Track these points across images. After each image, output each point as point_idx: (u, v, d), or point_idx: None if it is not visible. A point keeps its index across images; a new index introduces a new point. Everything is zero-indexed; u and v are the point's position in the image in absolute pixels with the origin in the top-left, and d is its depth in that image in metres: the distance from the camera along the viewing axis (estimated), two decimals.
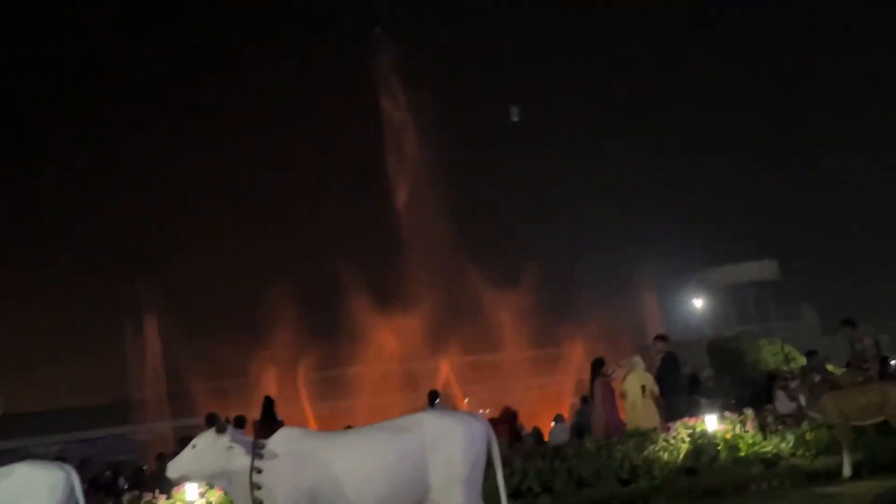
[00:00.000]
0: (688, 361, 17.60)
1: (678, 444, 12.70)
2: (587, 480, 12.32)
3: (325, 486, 7.04)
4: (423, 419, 7.39)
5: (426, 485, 7.08)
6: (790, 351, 22.76)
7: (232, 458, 7.21)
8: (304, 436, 7.47)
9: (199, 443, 7.31)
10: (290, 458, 7.15)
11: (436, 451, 7.11)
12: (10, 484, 8.76)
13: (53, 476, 8.89)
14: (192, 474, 7.48)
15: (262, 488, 7.10)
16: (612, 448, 12.71)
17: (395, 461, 7.07)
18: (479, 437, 7.27)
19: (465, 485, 7.06)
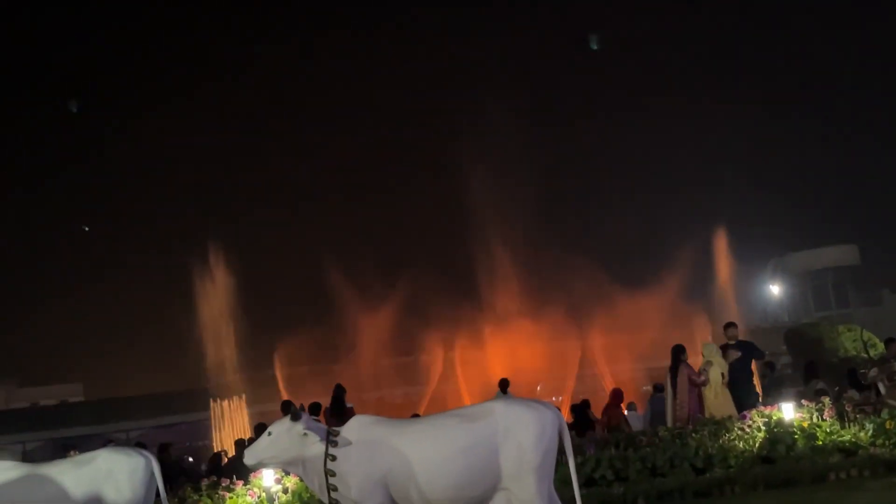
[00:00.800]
0: (764, 349, 17.32)
1: (754, 433, 12.55)
2: (661, 469, 12.24)
3: (398, 472, 7.11)
4: (494, 407, 7.41)
5: (497, 473, 7.10)
6: (870, 338, 22.34)
7: (307, 445, 7.31)
8: (376, 423, 7.55)
9: (274, 430, 7.44)
10: (364, 445, 7.23)
11: (507, 439, 7.12)
12: (92, 470, 8.99)
13: (134, 462, 9.10)
14: (268, 461, 7.60)
15: (336, 475, 7.19)
16: (687, 437, 12.61)
17: (467, 448, 7.11)
18: (551, 425, 7.27)
19: (536, 473, 7.07)
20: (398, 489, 7.16)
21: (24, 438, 40.84)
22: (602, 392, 32.23)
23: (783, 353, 30.51)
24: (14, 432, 41.20)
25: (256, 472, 11.73)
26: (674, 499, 11.57)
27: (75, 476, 8.95)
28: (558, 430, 7.35)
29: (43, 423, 42.60)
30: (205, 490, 12.22)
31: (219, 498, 12.04)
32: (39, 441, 40.00)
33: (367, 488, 7.13)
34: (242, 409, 30.38)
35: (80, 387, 53.16)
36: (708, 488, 11.68)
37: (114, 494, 8.83)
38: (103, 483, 8.87)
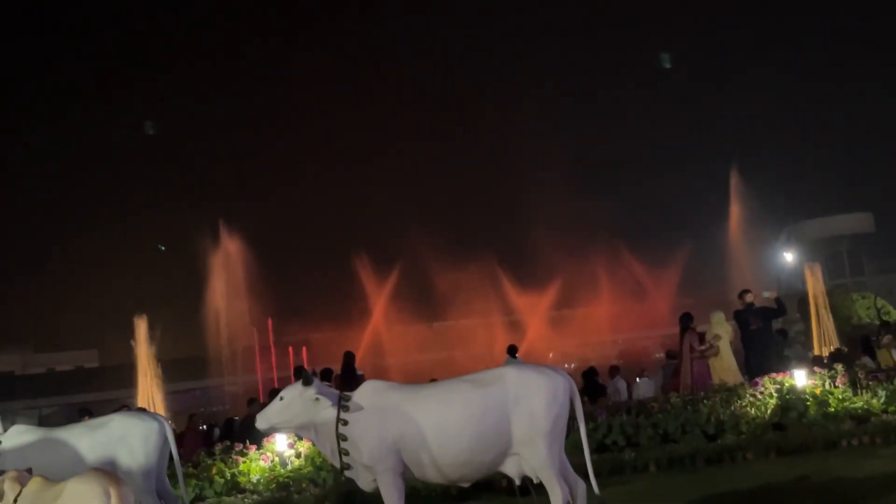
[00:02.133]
0: None
1: (766, 400, 12.55)
2: (672, 435, 12.27)
3: (409, 437, 7.14)
4: (505, 373, 7.42)
5: (509, 438, 7.13)
6: (884, 305, 22.21)
7: (318, 409, 7.34)
8: (388, 388, 7.57)
9: (286, 395, 7.47)
10: (375, 410, 7.26)
11: (519, 405, 7.14)
12: (106, 433, 9.07)
13: (148, 426, 9.17)
14: (281, 425, 7.63)
15: (348, 440, 7.23)
16: (699, 403, 12.63)
17: (479, 414, 7.13)
18: (562, 390, 7.28)
19: (547, 438, 7.09)
20: (410, 454, 7.19)
21: (40, 403, 41.23)
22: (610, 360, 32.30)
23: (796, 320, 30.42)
24: (30, 397, 41.59)
25: (269, 437, 11.81)
26: (685, 465, 11.59)
27: (90, 440, 9.04)
28: (570, 395, 7.36)
29: (59, 388, 42.98)
30: (218, 455, 12.32)
31: (232, 462, 12.13)
32: (55, 406, 40.36)
33: (379, 453, 7.17)
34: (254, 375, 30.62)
35: (96, 353, 53.55)
36: (719, 455, 11.70)
37: (128, 458, 8.91)
38: (117, 447, 8.95)
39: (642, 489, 10.42)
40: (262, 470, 11.99)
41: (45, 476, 6.39)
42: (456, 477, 7.44)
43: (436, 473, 7.31)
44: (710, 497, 9.43)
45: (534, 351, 33.02)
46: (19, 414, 35.21)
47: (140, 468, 8.93)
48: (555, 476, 7.10)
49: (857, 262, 55.04)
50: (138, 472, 8.89)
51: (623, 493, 9.66)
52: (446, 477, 7.42)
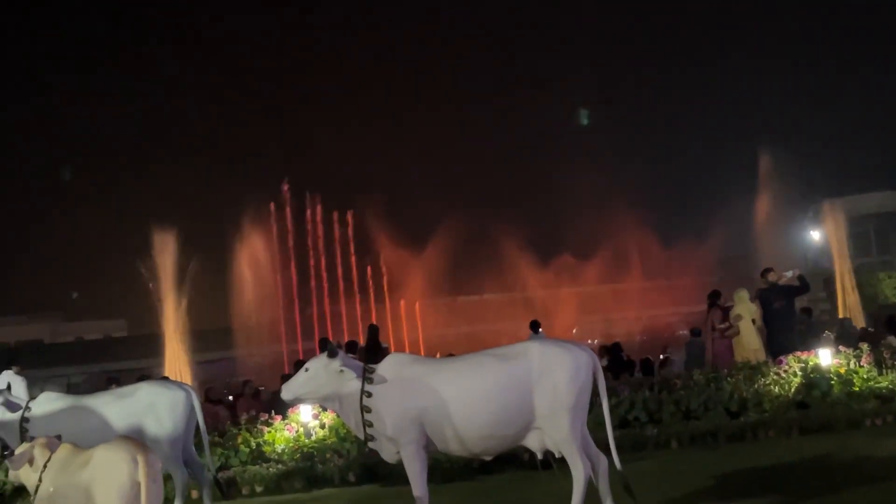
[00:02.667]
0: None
1: (790, 378, 12.52)
2: (695, 412, 12.28)
3: (433, 410, 7.19)
4: (529, 347, 7.45)
5: (532, 412, 7.16)
6: None
7: (343, 381, 7.41)
8: (412, 361, 7.63)
9: (311, 366, 7.53)
10: (399, 383, 7.31)
11: (542, 379, 7.17)
12: (134, 402, 9.20)
13: (174, 395, 9.29)
14: (305, 396, 7.71)
15: (372, 411, 7.30)
16: (722, 380, 12.62)
17: (502, 388, 7.17)
18: (585, 366, 7.30)
19: (570, 413, 7.12)
20: (433, 427, 7.24)
21: (69, 371, 41.66)
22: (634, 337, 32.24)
23: (822, 299, 30.30)
24: (59, 365, 42.04)
25: (294, 408, 11.92)
26: (707, 442, 11.61)
27: (118, 407, 9.17)
28: (593, 371, 7.39)
29: (88, 356, 43.42)
30: (244, 424, 12.45)
31: (257, 432, 12.26)
32: (84, 374, 40.78)
33: (403, 425, 7.23)
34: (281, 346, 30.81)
35: (124, 322, 54.02)
36: (741, 432, 11.71)
37: (155, 426, 9.03)
38: (145, 415, 9.08)
39: (664, 465, 10.45)
40: (287, 440, 12.11)
41: (74, 443, 6.50)
42: (478, 450, 7.50)
43: (458, 446, 7.36)
44: (731, 474, 9.44)
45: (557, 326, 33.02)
46: (48, 381, 35.62)
47: (167, 436, 9.06)
48: (577, 450, 7.14)
49: (885, 241, 54.44)
50: (165, 440, 9.02)
51: (645, 469, 9.69)
52: (469, 450, 7.48)
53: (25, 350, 48.43)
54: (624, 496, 7.23)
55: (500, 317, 34.96)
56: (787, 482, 8.78)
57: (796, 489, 8.35)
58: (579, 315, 36.30)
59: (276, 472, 11.52)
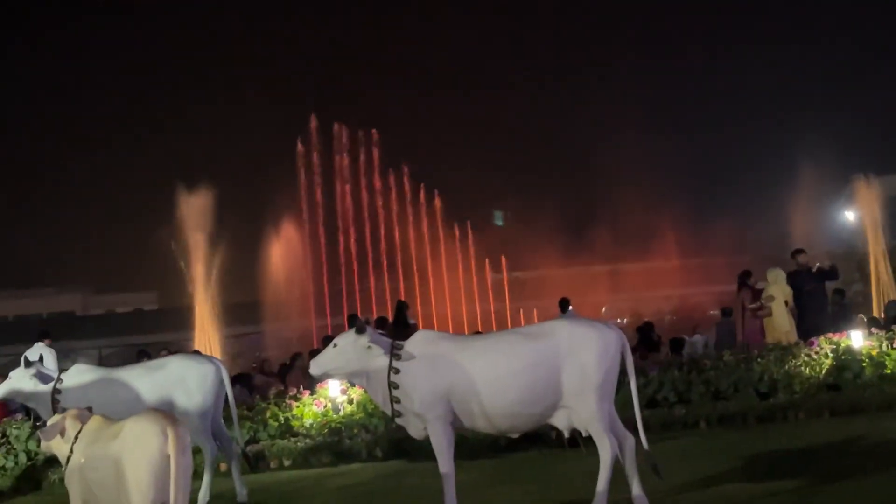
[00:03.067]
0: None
1: (821, 360, 12.41)
2: (724, 393, 12.22)
3: (460, 387, 7.19)
4: (557, 326, 7.43)
5: (559, 390, 7.15)
6: None
7: (371, 357, 7.42)
8: (440, 338, 7.62)
9: (339, 342, 7.55)
10: (427, 360, 7.31)
11: (570, 358, 7.15)
12: (164, 375, 9.27)
13: (204, 369, 9.35)
14: (333, 372, 7.73)
15: (399, 387, 7.30)
16: (752, 361, 12.53)
17: (530, 366, 7.15)
18: (613, 345, 7.27)
19: (597, 392, 7.10)
20: (460, 404, 7.25)
21: (100, 344, 42.07)
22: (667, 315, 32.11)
23: (856, 280, 30.02)
24: (90, 337, 42.47)
25: (323, 383, 11.97)
26: (736, 422, 11.56)
27: (149, 380, 9.24)
28: (621, 350, 7.35)
29: (118, 329, 43.84)
30: (272, 399, 12.53)
31: (286, 407, 12.34)
32: (115, 346, 41.18)
33: (430, 401, 7.23)
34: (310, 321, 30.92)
35: (155, 295, 54.44)
36: (771, 413, 11.65)
37: (184, 399, 9.10)
38: (175, 388, 9.15)
39: (691, 445, 10.41)
40: (315, 415, 12.19)
41: (105, 415, 6.55)
42: (505, 427, 7.50)
43: (485, 423, 7.37)
44: (760, 455, 9.40)
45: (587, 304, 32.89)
46: (79, 353, 36.01)
47: (196, 409, 9.12)
48: (604, 430, 7.12)
49: None
50: (195, 413, 9.09)
51: (672, 449, 9.66)
52: (496, 427, 7.48)
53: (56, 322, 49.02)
54: (651, 475, 7.21)
55: (530, 295, 34.91)
56: (817, 464, 8.72)
57: (826, 471, 8.30)
58: (609, 293, 36.16)
59: (303, 446, 11.61)
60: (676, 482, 7.97)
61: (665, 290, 36.91)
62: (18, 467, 11.59)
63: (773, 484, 7.96)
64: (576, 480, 8.35)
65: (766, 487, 7.86)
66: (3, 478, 11.42)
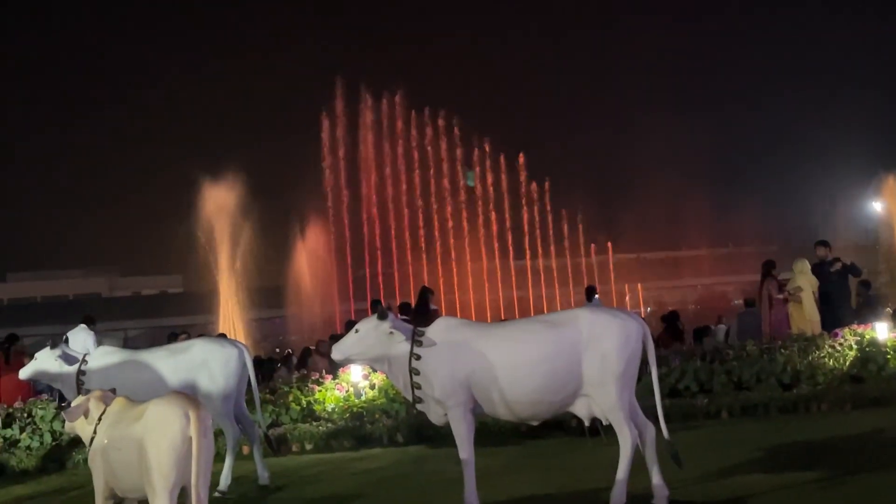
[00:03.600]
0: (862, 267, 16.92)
1: (845, 351, 12.36)
2: (747, 383, 12.18)
3: (481, 374, 7.20)
4: (579, 314, 7.42)
5: (580, 379, 7.14)
6: None
7: (392, 343, 7.44)
8: (461, 325, 7.63)
9: (361, 328, 7.57)
10: (448, 346, 7.33)
11: (591, 347, 7.14)
12: (189, 357, 9.34)
13: (227, 352, 9.41)
14: (355, 357, 7.75)
15: (420, 374, 7.33)
16: (775, 352, 12.48)
17: (550, 354, 7.15)
18: (635, 334, 7.25)
19: (618, 381, 7.09)
20: (480, 390, 7.26)
21: (125, 326, 42.39)
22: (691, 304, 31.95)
23: (881, 272, 29.82)
24: (116, 319, 42.79)
25: (345, 368, 12.02)
26: (758, 413, 11.52)
27: (172, 363, 9.32)
28: (643, 340, 7.34)
29: (144, 311, 44.17)
30: (295, 383, 12.60)
31: (308, 391, 12.40)
32: (140, 329, 41.49)
33: (450, 388, 7.25)
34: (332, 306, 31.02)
35: (180, 278, 54.79)
36: (794, 404, 11.60)
37: (207, 382, 9.17)
38: (198, 371, 9.21)
39: (713, 435, 10.39)
40: (337, 399, 12.25)
41: (128, 396, 6.61)
42: (526, 415, 7.51)
43: (506, 411, 7.38)
44: (782, 446, 9.36)
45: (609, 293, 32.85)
46: (105, 335, 36.25)
47: (219, 392, 9.19)
48: (624, 419, 7.12)
49: None
50: (217, 396, 9.16)
51: (693, 439, 9.65)
52: (516, 415, 7.49)
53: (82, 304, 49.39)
54: (671, 465, 7.20)
55: (553, 282, 34.86)
56: (838, 456, 8.68)
57: (848, 463, 8.26)
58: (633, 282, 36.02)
59: (325, 430, 11.67)
60: (697, 472, 7.96)
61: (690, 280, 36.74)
62: (43, 447, 11.73)
63: (793, 475, 7.92)
64: (596, 469, 8.35)
65: (786, 478, 7.83)
66: (29, 457, 11.55)
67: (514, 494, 8.13)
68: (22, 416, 12.05)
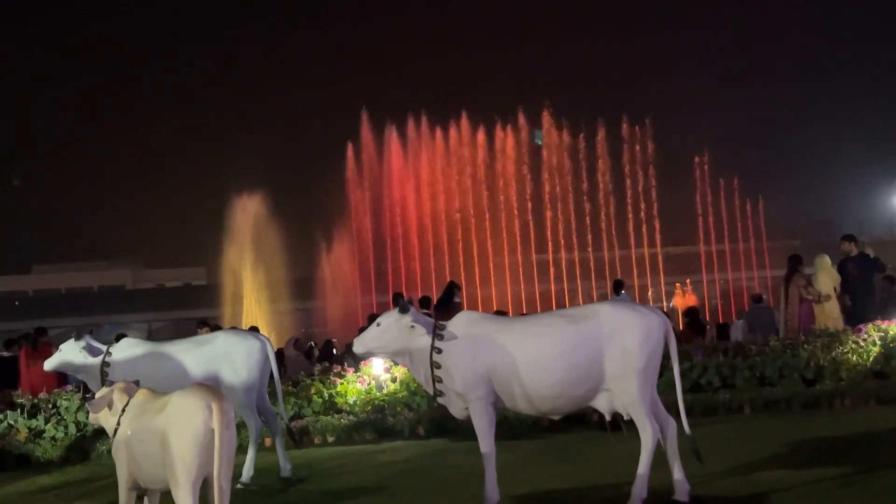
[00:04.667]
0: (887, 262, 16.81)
1: (868, 347, 12.28)
2: (769, 379, 12.13)
3: (501, 368, 7.21)
4: (600, 309, 7.41)
5: (601, 373, 7.13)
6: None
7: (413, 337, 7.45)
8: (482, 319, 7.64)
9: (383, 321, 7.59)
10: (469, 340, 7.34)
11: (613, 341, 7.13)
12: (211, 349, 9.40)
13: (250, 344, 9.47)
14: (376, 350, 7.78)
15: (441, 367, 7.34)
16: (798, 347, 12.42)
17: (571, 348, 7.14)
18: (657, 329, 7.23)
19: (640, 376, 7.08)
20: (501, 384, 7.27)
21: (149, 318, 42.63)
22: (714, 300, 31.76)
23: None
24: (140, 311, 43.06)
25: (367, 361, 12.06)
26: (780, 408, 11.49)
27: (196, 355, 9.38)
28: (664, 334, 7.32)
29: (167, 303, 44.38)
30: (317, 375, 12.65)
31: (330, 383, 12.45)
32: (164, 321, 41.71)
33: (471, 381, 7.26)
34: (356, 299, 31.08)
35: (204, 270, 55.06)
36: (817, 400, 11.56)
37: (230, 374, 9.23)
38: (221, 363, 9.27)
39: (735, 430, 10.36)
40: (359, 392, 12.29)
41: (151, 388, 6.66)
42: (547, 409, 7.51)
43: (527, 405, 7.38)
44: (804, 441, 9.33)
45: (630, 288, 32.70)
46: (129, 327, 36.50)
47: (242, 384, 9.25)
48: (645, 413, 7.11)
49: None
50: (240, 388, 9.21)
51: (715, 434, 9.61)
52: (537, 409, 7.49)
53: (107, 296, 49.76)
54: (692, 460, 7.19)
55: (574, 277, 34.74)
56: (861, 452, 8.64)
57: (871, 459, 8.22)
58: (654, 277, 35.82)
59: (347, 423, 11.72)
60: (718, 467, 7.95)
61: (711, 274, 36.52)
62: (68, 438, 11.84)
63: (816, 471, 7.90)
64: (616, 463, 8.35)
65: (809, 474, 7.80)
66: (54, 448, 11.67)
67: (535, 488, 8.15)
68: (47, 406, 12.17)
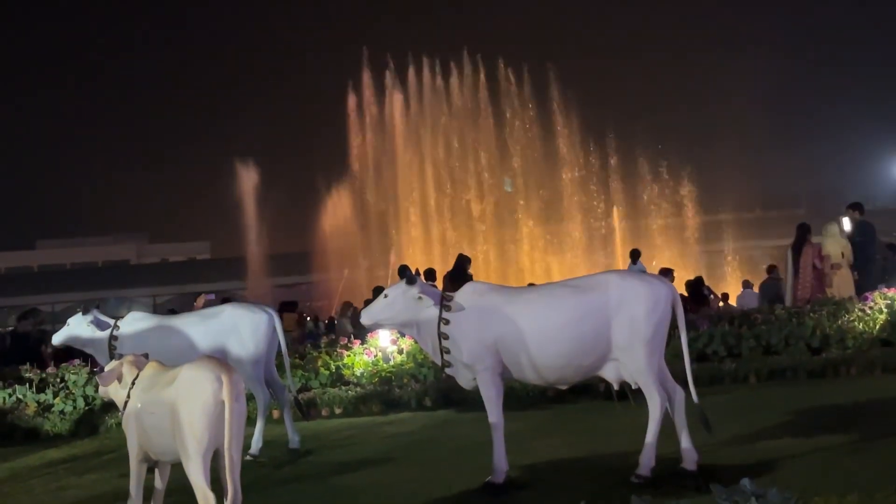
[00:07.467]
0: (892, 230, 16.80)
1: (874, 315, 12.29)
2: (775, 347, 12.15)
3: (509, 339, 7.21)
4: (608, 279, 7.39)
5: (608, 343, 7.13)
6: None
7: (421, 308, 7.46)
8: (489, 290, 7.63)
9: (390, 293, 7.60)
10: (476, 311, 7.34)
11: (620, 311, 7.12)
12: (219, 322, 9.42)
13: (257, 317, 9.47)
14: (384, 322, 7.77)
15: (449, 338, 7.35)
16: (804, 316, 12.43)
17: (579, 318, 7.14)
18: (664, 299, 7.22)
19: (647, 345, 7.08)
20: (509, 355, 7.28)
21: (153, 292, 42.71)
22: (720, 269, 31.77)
23: None
24: (144, 285, 43.14)
25: (373, 333, 12.08)
26: (786, 377, 11.50)
27: (203, 328, 9.40)
28: (672, 304, 7.31)
29: (172, 278, 44.47)
30: (324, 348, 12.68)
31: (337, 356, 12.48)
32: (168, 295, 41.80)
33: (479, 352, 7.27)
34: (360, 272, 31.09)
35: (208, 245, 55.16)
36: (822, 369, 11.57)
37: (237, 347, 9.25)
38: (228, 336, 9.29)
39: (741, 399, 10.39)
40: (366, 364, 12.32)
41: (160, 361, 6.68)
42: (554, 379, 7.52)
43: (534, 375, 7.39)
44: (810, 410, 9.35)
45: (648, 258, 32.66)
46: (134, 301, 36.61)
47: (249, 357, 9.27)
48: (653, 383, 7.11)
49: None
50: (248, 360, 9.24)
51: (721, 403, 9.65)
52: (544, 378, 7.49)
53: (111, 270, 49.84)
54: (700, 429, 7.21)
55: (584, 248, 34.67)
56: (868, 420, 8.65)
57: (877, 427, 8.23)
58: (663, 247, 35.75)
59: (354, 394, 11.77)
60: (725, 436, 7.96)
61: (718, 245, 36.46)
62: (77, 412, 11.89)
63: (822, 439, 7.91)
64: (624, 433, 8.37)
65: (815, 443, 7.82)
66: (63, 422, 11.72)
67: (542, 458, 8.18)
68: (55, 380, 12.22)
